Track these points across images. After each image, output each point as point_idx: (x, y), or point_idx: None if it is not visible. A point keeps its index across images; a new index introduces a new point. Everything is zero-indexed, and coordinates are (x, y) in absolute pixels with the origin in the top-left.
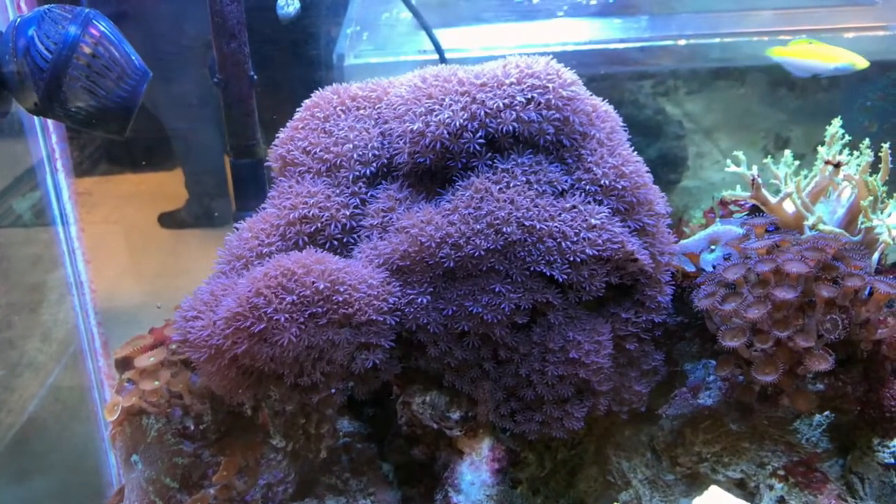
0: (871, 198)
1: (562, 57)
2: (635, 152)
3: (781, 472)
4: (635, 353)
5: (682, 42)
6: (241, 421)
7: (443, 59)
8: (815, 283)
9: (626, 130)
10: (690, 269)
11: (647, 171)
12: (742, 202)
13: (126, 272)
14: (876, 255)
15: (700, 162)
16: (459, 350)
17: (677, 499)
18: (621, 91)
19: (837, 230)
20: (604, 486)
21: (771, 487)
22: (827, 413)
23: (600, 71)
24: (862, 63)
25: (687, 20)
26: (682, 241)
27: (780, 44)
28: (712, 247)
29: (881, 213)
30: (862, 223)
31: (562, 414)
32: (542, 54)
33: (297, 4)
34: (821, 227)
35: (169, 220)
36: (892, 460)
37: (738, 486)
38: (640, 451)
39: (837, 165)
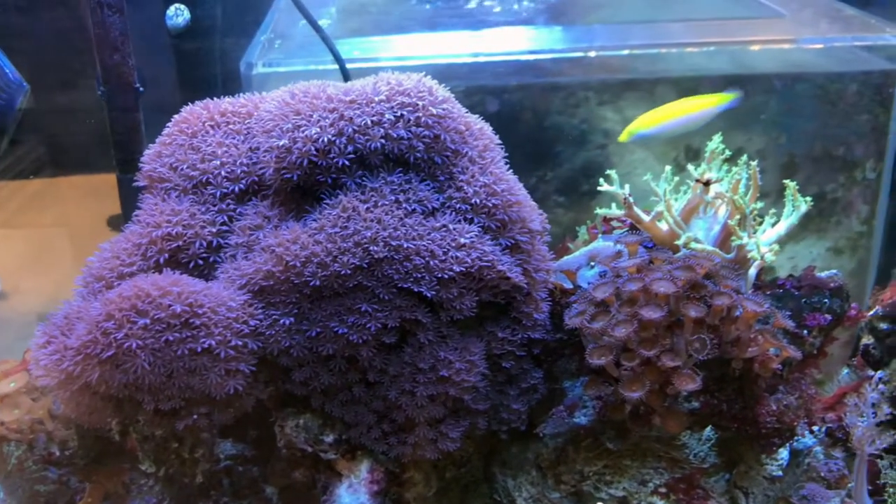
0: (738, 216)
1: (472, 67)
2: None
3: (663, 490)
4: (513, 370)
5: (593, 54)
6: (110, 446)
7: (343, 70)
8: (683, 303)
9: (501, 148)
10: (568, 286)
11: (522, 189)
12: (624, 218)
13: (73, 276)
14: (753, 272)
15: (626, 171)
16: (326, 373)
17: None
18: (542, 102)
19: (710, 248)
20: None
21: None
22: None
23: (512, 82)
24: (726, 98)
25: (599, 31)
26: (564, 258)
27: (698, 56)
28: (592, 263)
29: (755, 230)
30: (733, 241)
31: (436, 435)
32: (456, 64)
33: (187, 15)
34: (693, 245)
35: (118, 223)
36: (780, 473)
37: None
38: (526, 469)
39: (707, 183)
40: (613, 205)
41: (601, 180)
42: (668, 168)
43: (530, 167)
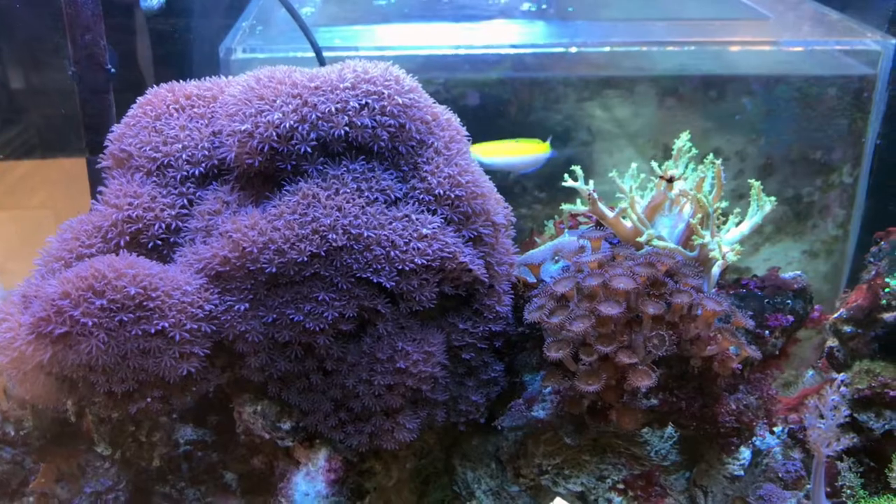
0: (699, 214)
1: (452, 60)
2: None
3: (621, 486)
4: (474, 362)
5: (574, 49)
6: (66, 427)
7: (320, 58)
8: (643, 300)
9: (469, 140)
10: (532, 280)
11: (487, 183)
12: (590, 214)
13: None
14: (716, 271)
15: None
16: (282, 360)
17: None
18: (522, 96)
19: (672, 246)
20: (453, 496)
21: (609, 501)
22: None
23: (493, 75)
24: (543, 150)
25: (582, 27)
26: (529, 252)
27: (673, 54)
28: (556, 258)
29: (718, 228)
30: (694, 239)
31: (392, 425)
32: (437, 56)
33: None
34: (655, 242)
35: None
36: (742, 472)
37: (580, 499)
38: (486, 462)
39: (670, 180)
40: (579, 201)
41: (566, 176)
42: (633, 165)
43: None
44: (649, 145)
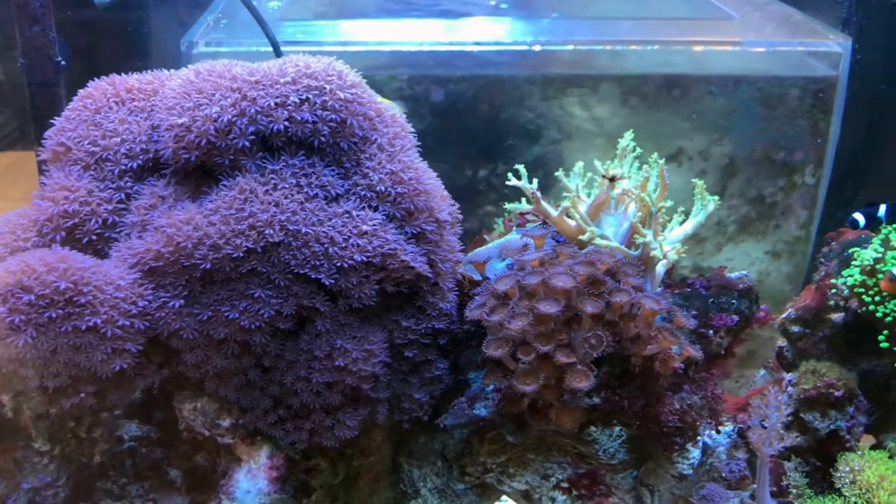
0: (639, 213)
1: (416, 56)
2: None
3: (565, 485)
4: (417, 360)
5: (537, 48)
6: (3, 422)
7: (277, 53)
8: (581, 298)
9: (414, 136)
10: (478, 277)
11: (433, 179)
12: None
13: None
14: (661, 270)
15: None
16: (219, 357)
17: None
18: (486, 94)
19: (614, 245)
20: (401, 494)
21: (553, 500)
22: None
23: (456, 72)
24: None
25: (546, 26)
26: (476, 250)
27: (642, 55)
28: (503, 256)
29: (662, 228)
30: (636, 238)
31: (332, 422)
32: (400, 52)
33: None
34: (597, 241)
35: None
36: (691, 472)
37: (525, 498)
38: (432, 460)
39: (612, 179)
40: (524, 199)
41: (509, 175)
42: (579, 164)
43: (482, 159)
44: (611, 145)
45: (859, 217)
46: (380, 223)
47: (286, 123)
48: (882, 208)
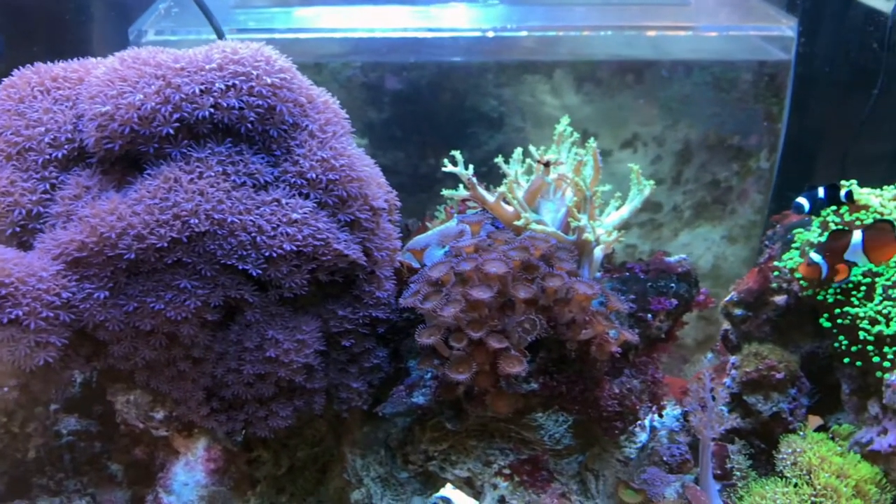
0: (573, 198)
1: (369, 43)
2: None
3: (507, 471)
4: (355, 350)
5: (491, 34)
6: None
7: (220, 38)
8: (514, 284)
9: (348, 122)
10: (417, 265)
11: (368, 166)
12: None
13: None
14: (599, 255)
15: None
16: (147, 349)
17: (410, 497)
18: (441, 81)
19: (550, 230)
20: (345, 484)
21: (495, 486)
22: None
23: (410, 59)
24: None
25: (500, 11)
26: (416, 238)
27: (596, 41)
28: (443, 243)
29: (599, 212)
30: (571, 223)
31: (266, 413)
32: (353, 39)
33: None
34: (533, 226)
35: None
36: (635, 455)
37: (467, 485)
38: (375, 449)
39: (547, 164)
40: (461, 185)
41: (445, 161)
42: (518, 150)
43: (444, 148)
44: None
45: (803, 201)
46: (310, 211)
47: (212, 110)
48: (820, 191)
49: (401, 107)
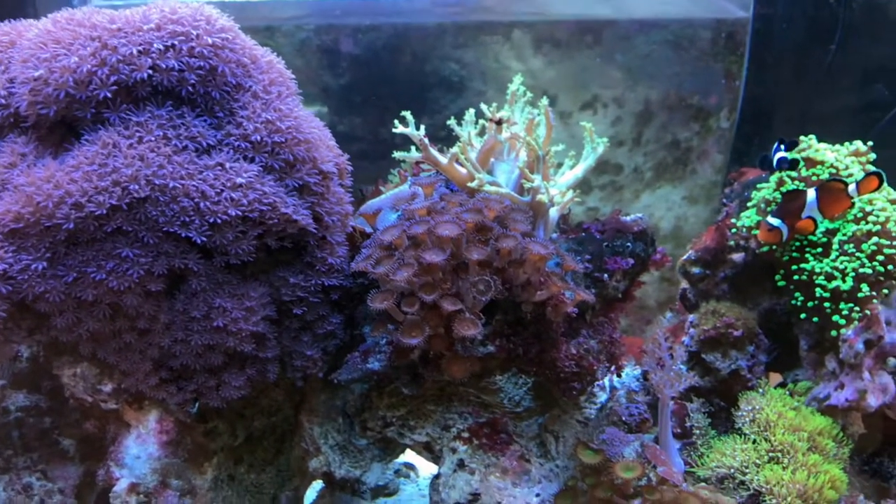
0: (524, 157)
1: (323, 5)
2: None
3: (465, 435)
4: (308, 317)
5: None
6: None
7: None
8: (467, 246)
9: (294, 82)
10: (370, 230)
11: (316, 128)
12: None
13: None
14: (555, 215)
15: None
16: (90, 320)
17: (369, 464)
18: (399, 43)
19: (504, 191)
20: (304, 453)
21: (453, 450)
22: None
23: (365, 21)
24: None
25: None
26: (369, 202)
27: (553, 1)
28: (397, 207)
29: (554, 172)
30: (524, 183)
31: (217, 383)
32: (308, 3)
33: None
34: (487, 187)
35: None
36: (594, 415)
37: (427, 450)
38: (333, 417)
39: (499, 123)
40: (413, 147)
41: (396, 122)
42: (470, 111)
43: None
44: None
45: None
46: (256, 175)
47: (150, 72)
48: (781, 147)
49: (359, 71)
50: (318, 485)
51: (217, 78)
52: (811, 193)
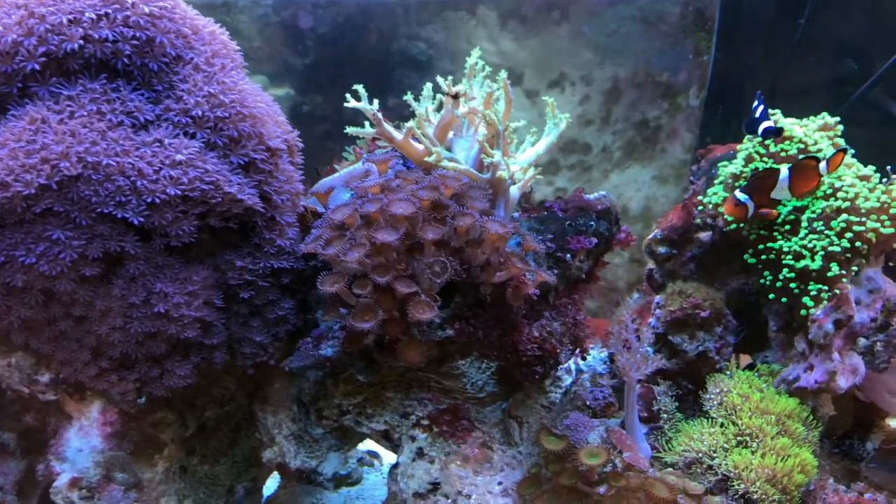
0: (483, 132)
1: None
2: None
3: (425, 422)
4: (257, 302)
5: None
6: None
7: None
8: (423, 225)
9: (239, 54)
10: (322, 210)
11: (263, 102)
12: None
13: None
14: (516, 193)
15: None
16: (21, 307)
17: (325, 454)
18: (361, 20)
19: (462, 167)
20: (258, 443)
21: (413, 438)
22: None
23: None
24: None
25: None
26: (322, 180)
27: None
28: (350, 185)
29: (514, 148)
30: (484, 158)
31: (160, 372)
32: None
33: None
34: (444, 163)
35: None
36: (559, 399)
37: (385, 438)
38: (287, 405)
39: (456, 96)
40: (367, 123)
41: (347, 96)
42: (428, 85)
43: (370, 92)
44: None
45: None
46: (197, 151)
47: (82, 42)
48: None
49: (323, 50)
50: (278, 475)
51: (155, 49)
52: (784, 171)
